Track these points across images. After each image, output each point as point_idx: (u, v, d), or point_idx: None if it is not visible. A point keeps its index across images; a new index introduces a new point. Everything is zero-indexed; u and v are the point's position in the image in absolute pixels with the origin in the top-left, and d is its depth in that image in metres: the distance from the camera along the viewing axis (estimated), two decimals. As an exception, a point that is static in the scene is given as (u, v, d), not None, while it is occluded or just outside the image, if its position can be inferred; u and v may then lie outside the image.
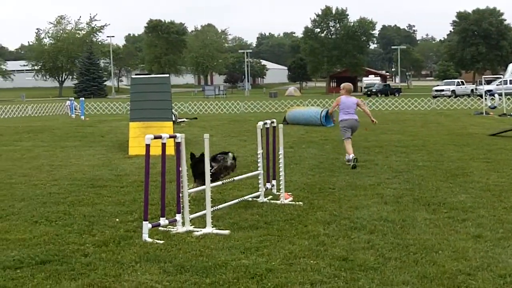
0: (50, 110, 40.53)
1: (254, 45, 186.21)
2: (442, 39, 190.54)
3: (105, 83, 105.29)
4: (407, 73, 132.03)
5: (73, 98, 39.84)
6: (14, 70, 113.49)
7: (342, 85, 14.75)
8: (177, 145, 7.66)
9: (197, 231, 7.42)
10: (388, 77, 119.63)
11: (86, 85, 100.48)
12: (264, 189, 9.46)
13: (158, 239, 7.05)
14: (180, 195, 7.68)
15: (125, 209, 8.84)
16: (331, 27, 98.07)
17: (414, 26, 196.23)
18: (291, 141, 18.42)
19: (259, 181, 9.42)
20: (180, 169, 7.68)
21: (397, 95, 71.87)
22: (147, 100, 17.10)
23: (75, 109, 37.48)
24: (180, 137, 7.65)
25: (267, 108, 40.27)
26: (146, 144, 7.30)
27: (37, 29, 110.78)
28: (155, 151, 15.64)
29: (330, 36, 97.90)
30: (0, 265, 6.10)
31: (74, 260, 6.24)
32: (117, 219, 8.14)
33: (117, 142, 19.08)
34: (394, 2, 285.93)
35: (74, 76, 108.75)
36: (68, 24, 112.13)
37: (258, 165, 9.43)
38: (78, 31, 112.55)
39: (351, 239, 6.98)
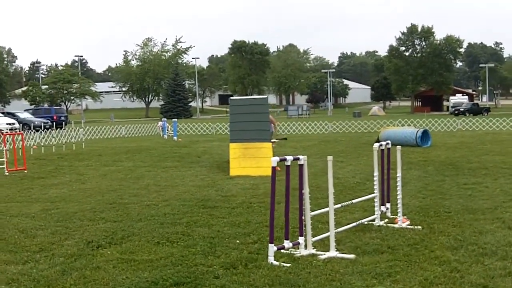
0: (142, 131, 41.59)
1: (336, 64, 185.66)
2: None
3: (190, 104, 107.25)
4: (494, 92, 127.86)
5: (165, 119, 40.75)
6: (102, 92, 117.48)
7: None
8: (300, 168, 7.59)
9: (322, 255, 7.33)
10: (474, 95, 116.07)
11: (172, 106, 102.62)
12: (379, 212, 9.27)
13: (284, 262, 6.99)
14: (303, 217, 7.61)
15: (241, 230, 8.85)
16: (416, 45, 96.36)
17: (501, 43, 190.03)
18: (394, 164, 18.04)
19: (375, 204, 9.23)
20: (303, 191, 7.60)
21: (485, 115, 69.67)
22: (246, 121, 17.27)
23: (167, 130, 38.37)
24: (303, 159, 7.58)
25: (356, 128, 39.83)
26: (272, 166, 7.24)
27: (124, 51, 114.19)
28: (255, 172, 15.76)
29: (415, 55, 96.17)
30: (136, 286, 6.20)
31: (207, 282, 6.27)
32: (238, 241, 8.16)
33: (215, 163, 19.31)
34: (480, 19, 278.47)
35: (160, 97, 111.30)
36: (155, 46, 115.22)
37: (374, 187, 9.24)
38: (164, 53, 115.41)
39: (485, 266, 6.71)
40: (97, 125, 41.22)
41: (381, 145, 9.38)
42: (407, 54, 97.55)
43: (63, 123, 49.21)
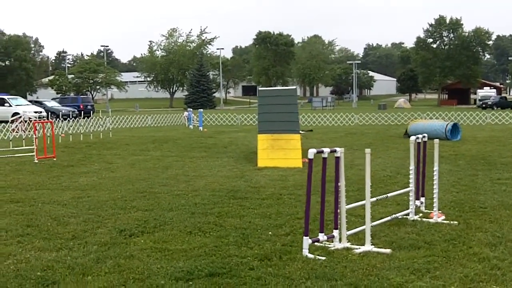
0: (167, 121, 41.69)
1: (361, 56, 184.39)
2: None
3: (214, 94, 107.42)
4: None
5: (191, 109, 40.84)
6: (127, 82, 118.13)
7: None
8: (337, 160, 7.47)
9: (357, 249, 7.22)
10: (502, 89, 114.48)
11: (196, 96, 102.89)
12: (414, 206, 9.12)
13: (319, 255, 6.90)
14: (338, 211, 7.50)
15: (273, 222, 8.77)
16: (444, 37, 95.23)
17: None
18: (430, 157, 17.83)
19: (410, 198, 9.08)
20: (339, 184, 7.49)
21: (513, 108, 68.72)
22: (274, 113, 17.17)
23: (193, 120, 38.46)
24: (340, 151, 7.46)
25: (382, 121, 39.47)
26: (309, 159, 7.13)
27: (149, 41, 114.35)
28: (283, 163, 15.65)
29: (443, 47, 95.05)
30: (172, 276, 6.15)
31: (243, 274, 6.21)
32: (270, 233, 8.08)
33: (242, 154, 19.26)
34: (510, 11, 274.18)
35: (185, 88, 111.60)
36: (180, 36, 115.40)
37: (410, 181, 9.07)
38: (189, 44, 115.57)
39: (527, 263, 6.55)
40: (123, 115, 41.38)
41: (417, 138, 9.19)
42: (434, 46, 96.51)
43: (90, 112, 49.55)
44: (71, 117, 37.67)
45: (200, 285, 5.90)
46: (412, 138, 9.11)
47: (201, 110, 36.50)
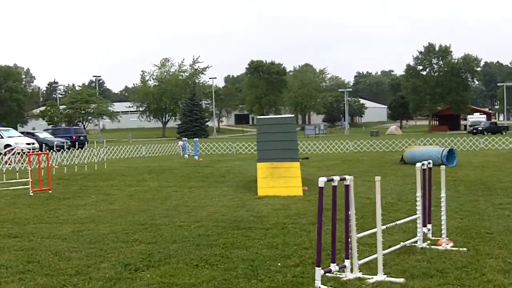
0: (162, 151, 41.45)
1: (352, 84, 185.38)
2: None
3: (207, 123, 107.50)
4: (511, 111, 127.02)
5: (186, 139, 40.70)
6: (119, 111, 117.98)
7: None
8: (346, 188, 7.34)
9: (369, 278, 7.06)
10: (491, 115, 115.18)
11: (189, 125, 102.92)
12: (422, 233, 8.99)
13: (331, 286, 6.74)
14: (349, 239, 7.36)
15: (280, 252, 8.60)
16: (434, 64, 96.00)
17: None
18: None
19: (418, 225, 8.95)
20: (349, 212, 7.35)
21: (504, 133, 68.96)
22: (274, 141, 17.09)
23: (188, 149, 38.33)
24: (349, 179, 7.34)
25: (377, 148, 39.44)
26: (320, 187, 7.00)
27: (142, 71, 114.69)
28: (284, 192, 15.51)
29: (433, 74, 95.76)
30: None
31: (256, 308, 6.02)
32: (279, 264, 7.91)
33: (240, 182, 19.12)
34: (496, 39, 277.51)
35: (177, 117, 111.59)
36: (172, 66, 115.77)
37: (417, 208, 8.96)
38: (181, 73, 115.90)
39: (543, 291, 6.42)
40: (117, 145, 41.07)
41: (423, 164, 9.10)
42: (424, 73, 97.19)
43: (84, 143, 49.28)
44: (64, 148, 37.52)
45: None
46: (418, 164, 9.03)
47: (197, 139, 36.33)
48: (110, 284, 7.11)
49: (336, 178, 7.23)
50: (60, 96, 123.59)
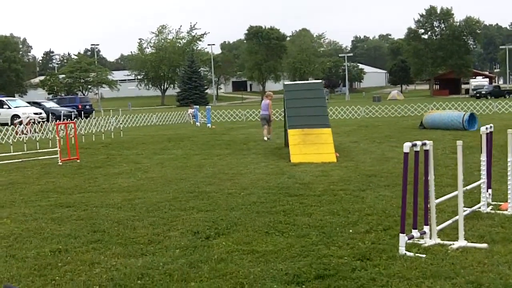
0: (172, 119, 41.13)
1: (349, 49, 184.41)
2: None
3: (206, 91, 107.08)
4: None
5: (197, 106, 40.47)
6: (118, 80, 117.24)
7: (267, 93, 23.88)
8: (426, 153, 7.23)
9: (451, 244, 6.99)
10: (492, 78, 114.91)
11: (188, 93, 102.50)
12: (486, 198, 8.93)
13: (417, 253, 6.67)
14: (428, 205, 7.28)
15: (344, 219, 8.52)
16: (435, 28, 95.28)
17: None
18: (448, 147, 17.73)
19: (482, 190, 8.88)
20: (429, 178, 7.25)
21: (507, 97, 68.86)
22: (304, 107, 16.95)
23: (193, 117, 38.19)
24: (429, 144, 7.22)
25: (389, 113, 39.25)
26: (405, 152, 6.89)
27: (139, 39, 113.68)
28: (317, 158, 15.42)
29: (434, 37, 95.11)
30: (280, 280, 5.91)
31: (352, 275, 5.96)
32: (351, 230, 7.84)
33: (266, 150, 19.04)
34: (495, 1, 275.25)
35: (176, 85, 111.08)
36: (169, 33, 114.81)
37: (482, 173, 8.88)
38: (179, 40, 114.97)
39: None
40: (128, 114, 40.72)
41: (486, 127, 8.99)
42: (426, 36, 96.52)
43: (90, 112, 48.95)
44: (72, 118, 37.31)
45: (314, 288, 5.67)
46: (483, 128, 8.92)
47: (209, 106, 36.11)
48: (188, 252, 7.04)
49: (418, 143, 7.10)
50: (56, 65, 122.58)
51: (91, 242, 7.70)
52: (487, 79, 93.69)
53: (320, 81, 19.56)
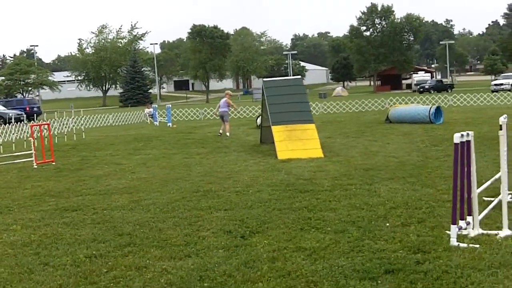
0: (128, 119, 40.17)
1: (289, 47, 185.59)
2: (481, 33, 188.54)
3: (149, 90, 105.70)
4: (450, 69, 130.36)
5: (156, 105, 39.79)
6: (58, 81, 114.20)
7: (226, 91, 25.34)
8: (468, 144, 7.21)
9: (496, 234, 7.00)
10: (432, 73, 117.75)
11: (132, 93, 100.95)
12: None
13: (470, 244, 6.64)
14: (471, 195, 7.26)
15: (372, 213, 8.44)
16: (377, 25, 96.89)
17: (451, 20, 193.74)
18: (426, 140, 17.97)
19: (503, 182, 8.92)
20: (471, 168, 7.23)
21: (449, 91, 70.66)
22: (286, 103, 16.84)
23: (150, 116, 37.59)
24: (470, 135, 7.20)
25: (341, 109, 39.55)
26: (455, 143, 6.84)
27: (79, 39, 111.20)
28: (304, 154, 15.32)
29: (376, 34, 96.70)
30: (350, 276, 5.77)
31: (421, 269, 5.87)
32: (387, 224, 7.76)
33: (245, 147, 18.89)
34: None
35: (118, 85, 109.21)
36: (110, 33, 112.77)
37: (502, 163, 8.92)
38: (119, 40, 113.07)
39: None
40: (86, 115, 39.53)
41: (505, 118, 9.03)
42: (368, 33, 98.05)
43: (38, 114, 47.44)
44: (22, 120, 36.06)
45: (390, 283, 5.54)
46: (502, 118, 8.96)
47: (169, 105, 35.48)
48: (234, 252, 6.81)
49: (464, 133, 7.06)
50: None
51: (123, 246, 7.36)
52: (429, 74, 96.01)
53: (299, 77, 19.51)
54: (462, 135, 6.95)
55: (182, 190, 11.13)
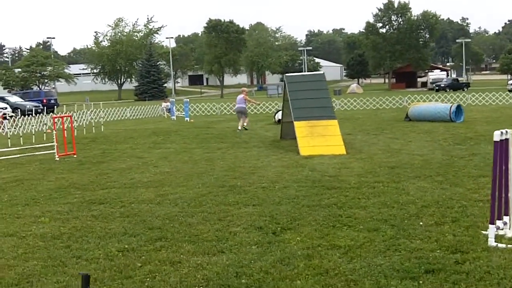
0: (145, 113, 40.12)
1: (304, 43, 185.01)
2: (497, 31, 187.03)
3: (165, 85, 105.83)
4: (466, 67, 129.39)
5: (173, 99, 39.73)
6: (75, 74, 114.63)
7: (242, 88, 26.28)
8: (506, 142, 7.08)
9: (535, 235, 6.89)
10: (448, 71, 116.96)
11: (147, 87, 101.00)
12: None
13: (508, 244, 6.54)
14: (509, 195, 7.14)
15: (403, 212, 8.34)
16: (393, 22, 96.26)
17: (467, 19, 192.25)
18: (448, 138, 17.80)
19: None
20: (510, 167, 7.10)
21: (465, 90, 70.09)
22: (308, 99, 16.74)
23: (168, 111, 37.58)
24: (510, 133, 7.08)
25: (359, 106, 39.31)
26: (495, 141, 6.71)
27: (95, 32, 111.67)
28: (326, 150, 15.21)
29: (393, 31, 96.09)
30: (390, 275, 5.70)
31: (462, 269, 5.78)
32: (421, 223, 7.66)
33: (265, 142, 18.77)
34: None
35: (133, 79, 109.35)
36: (126, 26, 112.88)
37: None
38: (135, 33, 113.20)
39: None
40: (101, 108, 39.65)
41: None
42: (384, 30, 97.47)
43: (54, 106, 47.53)
44: (38, 112, 36.12)
45: (432, 283, 5.45)
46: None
47: (187, 100, 35.40)
48: (267, 248, 6.76)
49: (503, 131, 6.93)
50: (7, 59, 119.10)
51: (155, 240, 7.32)
52: (445, 72, 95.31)
53: (322, 72, 19.37)
54: (502, 133, 6.80)
55: (207, 185, 11.08)
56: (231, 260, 6.36)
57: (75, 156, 16.76)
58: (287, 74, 18.29)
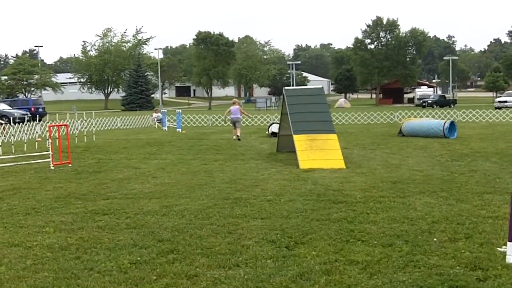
0: (136, 123, 39.87)
1: (291, 57, 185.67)
2: (483, 50, 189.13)
3: (152, 95, 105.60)
4: (452, 84, 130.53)
5: (165, 110, 39.53)
6: (62, 83, 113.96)
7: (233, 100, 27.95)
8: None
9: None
10: (434, 88, 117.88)
11: (134, 97, 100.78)
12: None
13: (526, 262, 6.48)
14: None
15: (414, 228, 8.27)
16: (381, 38, 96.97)
17: (453, 36, 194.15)
18: (444, 154, 17.80)
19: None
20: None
21: (452, 106, 70.62)
22: (307, 112, 16.70)
23: (159, 121, 37.37)
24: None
25: (350, 120, 39.38)
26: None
27: (83, 41, 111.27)
28: (326, 164, 15.16)
29: (381, 47, 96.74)
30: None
31: (483, 286, 5.74)
32: (435, 239, 7.59)
33: (262, 155, 18.68)
34: (433, 13, 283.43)
35: (120, 89, 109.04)
36: (115, 36, 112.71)
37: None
38: (124, 44, 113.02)
39: None
40: (93, 117, 39.33)
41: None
42: (372, 46, 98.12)
43: (43, 114, 47.13)
44: (25, 121, 35.79)
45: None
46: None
47: (179, 111, 35.25)
48: (284, 264, 6.65)
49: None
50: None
51: (167, 252, 7.19)
52: (432, 89, 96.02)
53: (321, 86, 19.33)
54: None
55: (211, 197, 10.95)
56: (249, 275, 6.24)
57: (70, 165, 16.55)
58: (286, 88, 18.27)
